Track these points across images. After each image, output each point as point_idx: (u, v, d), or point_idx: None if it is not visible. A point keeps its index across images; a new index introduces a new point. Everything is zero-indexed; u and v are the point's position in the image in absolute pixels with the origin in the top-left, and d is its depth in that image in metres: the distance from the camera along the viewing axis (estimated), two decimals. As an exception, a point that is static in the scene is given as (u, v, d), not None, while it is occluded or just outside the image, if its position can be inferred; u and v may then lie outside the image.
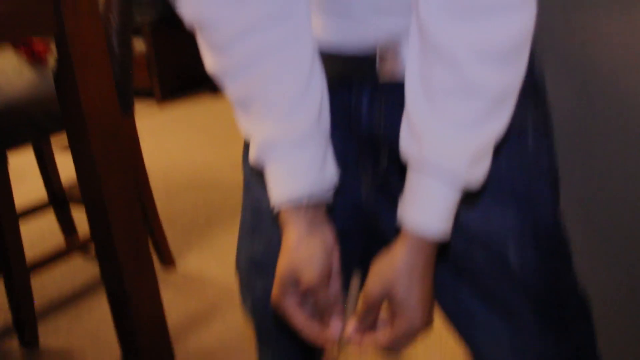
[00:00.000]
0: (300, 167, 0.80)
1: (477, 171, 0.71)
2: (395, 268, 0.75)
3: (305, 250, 0.79)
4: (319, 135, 0.81)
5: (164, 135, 4.17)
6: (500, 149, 0.77)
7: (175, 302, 2.12)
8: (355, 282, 0.98)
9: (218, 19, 0.76)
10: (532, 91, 0.81)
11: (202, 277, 2.30)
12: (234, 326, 1.95)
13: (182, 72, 5.42)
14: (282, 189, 0.81)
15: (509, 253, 0.81)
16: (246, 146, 0.98)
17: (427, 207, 0.73)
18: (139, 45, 5.06)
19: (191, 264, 2.40)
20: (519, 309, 0.84)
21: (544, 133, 0.83)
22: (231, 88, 0.82)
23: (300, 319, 0.81)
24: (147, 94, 5.24)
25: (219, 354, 1.83)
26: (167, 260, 2.38)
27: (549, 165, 0.84)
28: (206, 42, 0.79)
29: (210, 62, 0.81)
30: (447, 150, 0.70)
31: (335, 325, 0.80)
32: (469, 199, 0.76)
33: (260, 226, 0.97)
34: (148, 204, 2.32)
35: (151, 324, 1.67)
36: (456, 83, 0.68)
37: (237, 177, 3.43)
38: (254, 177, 0.97)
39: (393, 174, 0.84)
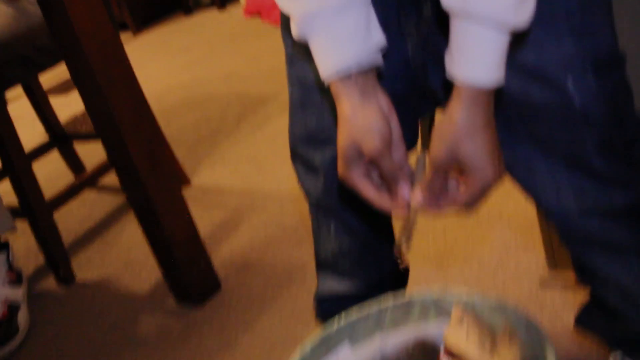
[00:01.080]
0: (345, 34, 0.77)
1: (524, 10, 0.68)
2: (456, 127, 0.73)
3: (362, 120, 0.78)
4: None
5: (147, 63, 4.11)
6: None
7: (199, 217, 2.12)
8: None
9: None
10: None
11: (219, 188, 2.31)
12: (260, 226, 1.97)
13: (151, -2, 5.29)
14: (329, 60, 0.78)
15: (568, 85, 0.79)
16: (285, 20, 0.96)
17: (477, 56, 0.70)
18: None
19: (206, 179, 2.40)
20: (581, 149, 0.82)
21: None
22: None
23: (369, 189, 0.81)
24: (120, 26, 5.13)
25: (252, 255, 1.86)
26: (182, 179, 2.39)
27: None
28: None
29: None
30: None
31: (404, 191, 0.80)
32: (520, 35, 0.73)
33: (310, 100, 0.95)
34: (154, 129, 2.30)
35: (184, 237, 1.69)
36: None
37: (231, 87, 3.39)
38: (297, 51, 0.95)
39: (437, 27, 0.82)
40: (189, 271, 1.70)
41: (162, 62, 4.11)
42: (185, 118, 3.03)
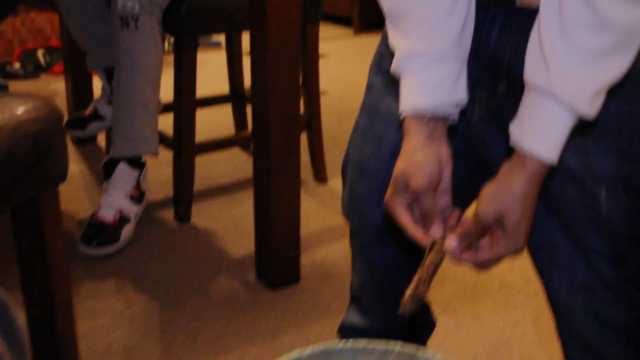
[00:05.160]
0: (433, 81, 0.86)
1: (595, 103, 0.74)
2: (512, 194, 0.78)
3: (419, 157, 0.86)
4: (456, 54, 0.87)
5: (352, 63, 4.26)
6: (614, 92, 0.78)
7: (314, 214, 2.23)
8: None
9: None
10: None
11: (348, 197, 2.39)
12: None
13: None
14: (411, 98, 0.87)
15: (601, 196, 0.83)
16: (377, 57, 1.05)
17: (546, 131, 0.76)
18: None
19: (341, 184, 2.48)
20: (600, 254, 0.85)
21: None
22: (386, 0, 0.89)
23: (406, 217, 0.88)
24: (345, 22, 5.35)
25: (341, 267, 1.93)
26: (321, 175, 2.49)
27: None
28: None
29: None
30: (574, 77, 0.73)
31: (436, 230, 0.86)
32: (572, 137, 0.78)
33: (373, 128, 1.03)
34: (314, 120, 2.42)
35: (286, 222, 1.79)
36: (590, 16, 0.71)
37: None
38: (379, 81, 1.03)
39: (508, 102, 0.87)
40: (278, 254, 1.79)
41: (365, 68, 4.25)
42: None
